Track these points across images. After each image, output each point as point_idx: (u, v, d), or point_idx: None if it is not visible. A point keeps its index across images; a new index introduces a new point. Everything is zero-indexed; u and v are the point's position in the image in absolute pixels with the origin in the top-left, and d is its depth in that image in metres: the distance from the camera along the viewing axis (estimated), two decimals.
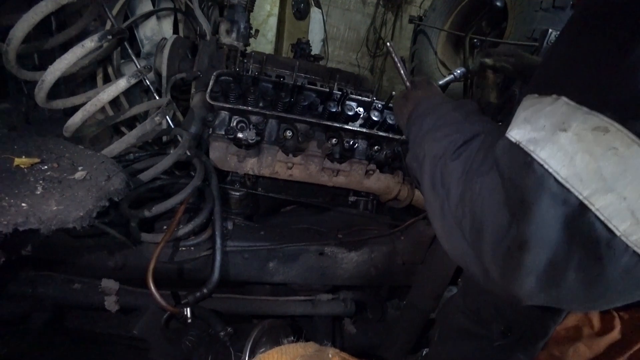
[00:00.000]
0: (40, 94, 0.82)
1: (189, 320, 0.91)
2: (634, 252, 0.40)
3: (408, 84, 0.93)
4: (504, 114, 2.18)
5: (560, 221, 0.42)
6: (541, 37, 2.18)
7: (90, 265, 1.11)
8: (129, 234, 1.07)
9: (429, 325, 1.34)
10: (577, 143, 0.41)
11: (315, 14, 4.41)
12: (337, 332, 1.37)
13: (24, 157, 0.69)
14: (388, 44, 0.99)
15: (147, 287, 0.90)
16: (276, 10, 3.94)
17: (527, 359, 0.76)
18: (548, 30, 2.16)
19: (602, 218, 0.40)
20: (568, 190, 0.41)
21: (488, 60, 1.17)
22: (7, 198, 0.59)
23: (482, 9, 2.69)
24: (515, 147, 0.46)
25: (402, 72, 0.95)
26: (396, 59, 0.96)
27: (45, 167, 0.68)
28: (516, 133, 0.47)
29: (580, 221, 0.41)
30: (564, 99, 0.43)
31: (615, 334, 0.63)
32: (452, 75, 1.75)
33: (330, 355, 0.56)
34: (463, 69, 1.78)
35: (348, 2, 5.03)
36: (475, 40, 2.14)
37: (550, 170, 0.42)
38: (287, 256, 1.24)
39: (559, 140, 0.42)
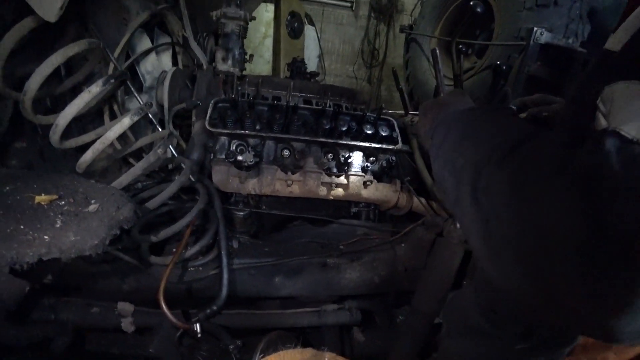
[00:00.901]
0: (54, 136, 0.90)
1: (199, 335, 0.97)
2: None
3: (441, 91, 0.94)
4: None
5: None
6: (527, 36, 2.24)
7: (106, 289, 1.18)
8: (141, 258, 1.13)
9: (435, 331, 1.37)
10: None
11: (309, 31, 4.54)
12: (347, 342, 1.41)
13: (43, 194, 0.77)
14: (436, 50, 1.04)
15: (159, 307, 0.96)
16: (271, 32, 4.08)
17: None
18: (533, 28, 2.22)
19: None
20: None
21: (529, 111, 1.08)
22: (31, 232, 0.66)
23: (466, 14, 2.76)
24: (635, 146, 0.37)
25: (441, 74, 0.99)
26: (439, 66, 1.00)
27: (63, 202, 0.76)
28: (631, 128, 0.38)
29: None
30: None
31: None
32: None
33: (326, 358, 0.60)
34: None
35: (340, 17, 5.16)
36: (460, 46, 2.20)
37: None
38: (292, 270, 1.29)
39: None
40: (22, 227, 0.68)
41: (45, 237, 0.66)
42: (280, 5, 4.02)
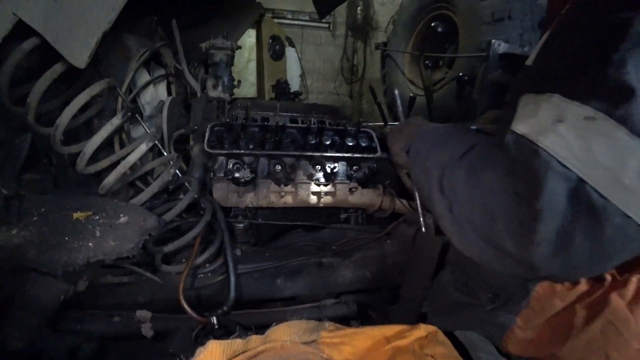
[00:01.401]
0: (82, 163, 1.05)
1: (216, 327, 1.10)
2: (623, 212, 0.49)
3: (402, 118, 1.17)
4: (469, 116, 2.44)
5: (565, 194, 0.51)
6: (487, 48, 2.48)
7: (124, 301, 1.30)
8: (155, 269, 1.27)
9: (423, 319, 1.52)
10: (572, 131, 0.51)
11: (290, 52, 4.76)
12: None
13: (79, 212, 0.91)
14: (395, 91, 1.27)
15: (180, 305, 1.10)
16: (254, 56, 4.28)
17: (513, 316, 0.84)
18: (491, 40, 2.46)
19: (597, 188, 0.49)
20: (569, 169, 0.50)
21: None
22: (76, 242, 0.80)
23: (433, 30, 3.01)
24: (523, 139, 0.56)
25: (399, 109, 1.20)
26: (398, 101, 1.23)
27: (97, 217, 0.90)
28: (522, 127, 0.57)
29: (581, 192, 0.50)
30: (558, 96, 0.54)
31: (582, 286, 0.73)
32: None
33: (327, 325, 0.75)
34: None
35: (319, 37, 5.42)
36: (427, 62, 2.42)
37: (553, 154, 0.51)
38: (292, 271, 1.44)
39: (558, 130, 0.52)
40: (66, 238, 0.82)
41: (90, 244, 0.80)
42: (262, 30, 4.23)
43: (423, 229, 1.21)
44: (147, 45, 1.62)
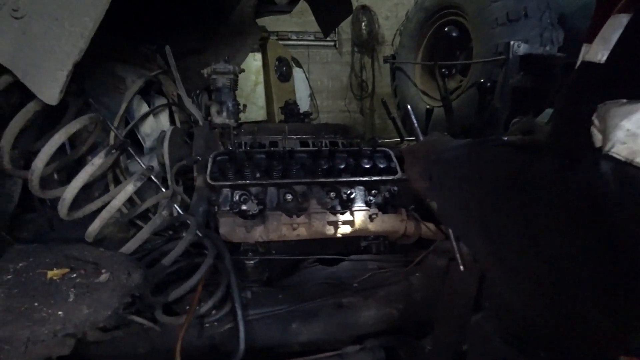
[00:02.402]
0: (63, 210, 0.93)
1: None
2: None
3: (420, 136, 1.01)
4: (491, 126, 2.26)
5: None
6: (505, 50, 2.32)
7: (122, 355, 1.16)
8: (154, 319, 1.12)
9: (463, 359, 1.33)
10: None
11: (297, 73, 4.72)
12: None
13: (55, 269, 0.78)
14: (408, 107, 1.11)
15: None
16: (261, 79, 4.23)
17: None
18: (510, 42, 2.30)
19: None
20: None
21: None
22: (44, 309, 0.67)
23: (443, 38, 2.88)
24: (627, 167, 0.38)
25: (415, 125, 1.05)
26: (412, 117, 1.07)
27: (74, 274, 0.77)
28: (623, 149, 0.38)
29: None
30: None
31: None
32: None
33: None
34: None
35: (325, 56, 5.38)
36: (443, 70, 2.28)
37: None
38: (308, 314, 1.27)
39: None
40: (36, 304, 0.69)
41: (60, 312, 0.66)
42: (267, 53, 4.20)
43: (461, 267, 1.02)
44: (143, 75, 1.52)
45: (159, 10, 1.91)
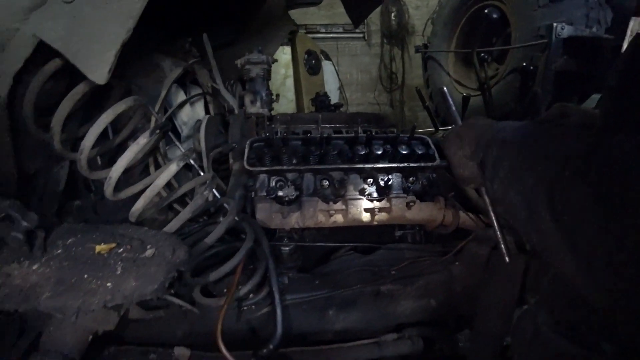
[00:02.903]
0: (109, 189, 0.95)
1: None
2: None
3: (458, 120, 0.97)
4: (532, 113, 2.15)
5: None
6: (548, 33, 2.19)
7: (161, 335, 1.19)
8: (193, 301, 1.14)
9: (504, 352, 1.27)
10: None
11: (327, 66, 4.69)
12: None
13: (102, 244, 0.80)
14: (444, 88, 1.06)
15: (218, 348, 0.95)
16: (291, 72, 4.24)
17: None
18: (553, 24, 2.17)
19: None
20: None
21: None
22: (94, 281, 0.69)
23: (480, 23, 2.77)
24: None
25: (453, 108, 1.00)
26: (449, 100, 1.01)
27: (121, 249, 0.79)
28: None
29: None
30: None
31: None
32: None
33: None
34: None
35: (355, 48, 5.32)
36: (482, 54, 2.19)
37: None
38: (345, 301, 1.25)
39: None
40: (85, 276, 0.71)
41: (108, 284, 0.68)
42: (296, 46, 4.20)
43: (507, 258, 0.96)
44: (181, 65, 1.55)
45: (194, 4, 1.95)
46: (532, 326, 0.96)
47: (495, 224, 1.02)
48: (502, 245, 1.02)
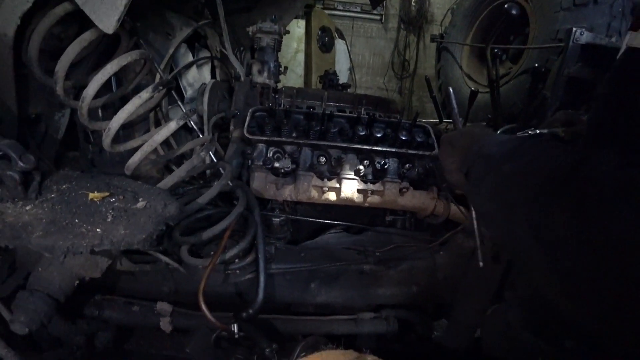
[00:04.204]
0: (107, 140, 0.96)
1: (237, 336, 0.97)
2: None
3: (459, 123, 0.97)
4: (539, 118, 2.13)
5: None
6: (566, 37, 2.15)
7: (146, 290, 1.23)
8: (180, 260, 1.17)
9: (475, 344, 1.31)
10: None
11: (340, 45, 4.61)
12: (383, 352, 1.37)
13: (96, 192, 0.82)
14: (450, 89, 1.04)
15: (199, 307, 0.98)
16: (302, 47, 4.17)
17: None
18: (572, 29, 2.13)
19: None
20: None
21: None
22: (85, 225, 0.71)
23: (499, 19, 2.71)
24: None
25: (455, 111, 0.99)
26: (453, 101, 1.00)
27: (113, 199, 0.80)
28: None
29: None
30: None
31: None
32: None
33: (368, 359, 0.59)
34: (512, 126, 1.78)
35: (370, 30, 5.22)
36: (496, 50, 2.15)
37: None
38: (328, 276, 1.28)
39: None
40: (76, 220, 0.73)
41: (98, 230, 0.70)
42: (311, 21, 4.12)
43: (480, 263, 0.98)
44: (191, 25, 1.53)
45: None
46: (503, 321, 0.99)
47: (476, 231, 1.02)
48: (479, 251, 1.02)
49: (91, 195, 0.80)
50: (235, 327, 0.99)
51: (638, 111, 0.46)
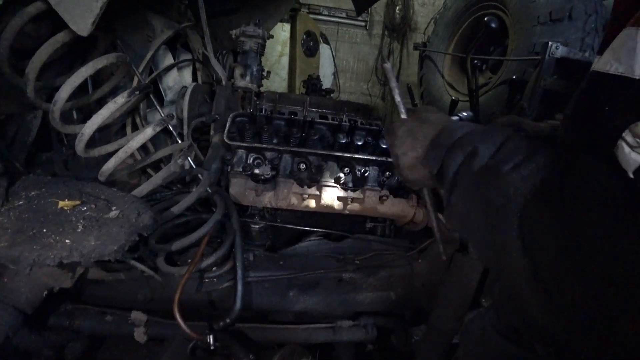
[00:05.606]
0: (80, 145, 0.93)
1: (212, 347, 0.96)
2: None
3: (403, 110, 0.79)
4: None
5: None
6: (542, 50, 2.22)
7: (121, 298, 1.19)
8: (156, 268, 1.14)
9: (452, 350, 1.33)
10: None
11: (324, 49, 4.63)
12: None
13: (66, 200, 0.79)
14: (386, 64, 0.83)
15: (174, 317, 0.96)
16: (287, 50, 4.17)
17: None
18: (548, 43, 2.21)
19: None
20: None
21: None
22: (53, 235, 0.68)
23: (480, 30, 2.78)
24: None
25: (397, 92, 0.80)
26: (392, 79, 0.80)
27: (85, 208, 0.78)
28: None
29: None
30: None
31: None
32: (457, 116, 1.81)
33: None
34: (470, 114, 1.83)
35: (355, 36, 5.25)
36: (476, 61, 2.20)
37: None
38: (307, 284, 1.28)
39: None
40: (44, 230, 0.70)
41: (67, 240, 0.67)
42: (296, 25, 4.12)
43: (443, 257, 0.92)
44: (173, 27, 1.50)
45: None
46: (480, 327, 1.01)
47: (435, 226, 0.93)
48: (440, 247, 0.98)
49: (61, 203, 0.78)
50: (211, 339, 0.97)
51: (600, 134, 0.47)
